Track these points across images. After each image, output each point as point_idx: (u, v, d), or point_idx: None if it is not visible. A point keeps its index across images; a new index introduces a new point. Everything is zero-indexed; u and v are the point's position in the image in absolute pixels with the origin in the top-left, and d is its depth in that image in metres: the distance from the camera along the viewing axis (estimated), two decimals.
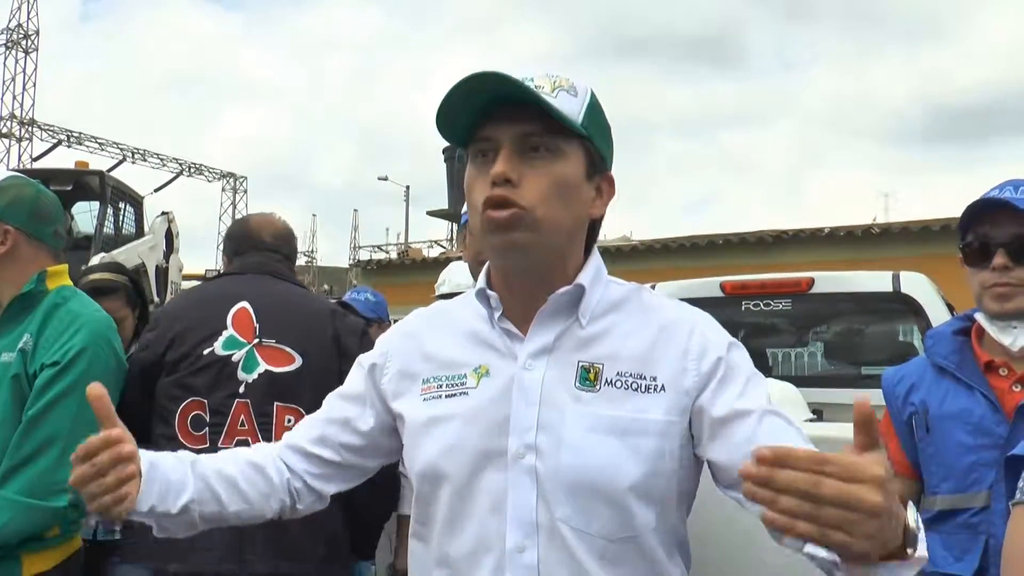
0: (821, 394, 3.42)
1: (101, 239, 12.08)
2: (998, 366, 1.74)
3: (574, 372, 1.18)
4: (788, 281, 3.86)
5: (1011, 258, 1.70)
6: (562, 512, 1.13)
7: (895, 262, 4.29)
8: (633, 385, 1.16)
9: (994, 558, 1.64)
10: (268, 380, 2.12)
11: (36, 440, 1.88)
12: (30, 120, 29.13)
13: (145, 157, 29.91)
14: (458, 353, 1.25)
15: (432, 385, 1.25)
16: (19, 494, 1.85)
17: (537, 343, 1.20)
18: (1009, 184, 1.75)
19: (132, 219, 13.73)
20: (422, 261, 15.74)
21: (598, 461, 1.13)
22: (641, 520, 1.14)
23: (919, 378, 1.85)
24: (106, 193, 12.37)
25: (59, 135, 28.08)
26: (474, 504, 1.17)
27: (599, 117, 1.22)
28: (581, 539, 1.13)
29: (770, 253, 10.86)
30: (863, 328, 4.14)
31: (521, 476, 1.14)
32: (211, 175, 34.56)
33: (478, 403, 1.19)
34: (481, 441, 1.17)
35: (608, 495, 1.13)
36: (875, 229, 10.95)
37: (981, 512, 1.69)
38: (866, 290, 3.73)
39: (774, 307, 3.83)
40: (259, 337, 2.15)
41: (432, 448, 1.21)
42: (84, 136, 28.63)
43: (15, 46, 29.59)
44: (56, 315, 2.01)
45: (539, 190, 1.15)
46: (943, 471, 1.76)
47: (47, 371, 1.92)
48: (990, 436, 1.69)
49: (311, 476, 1.33)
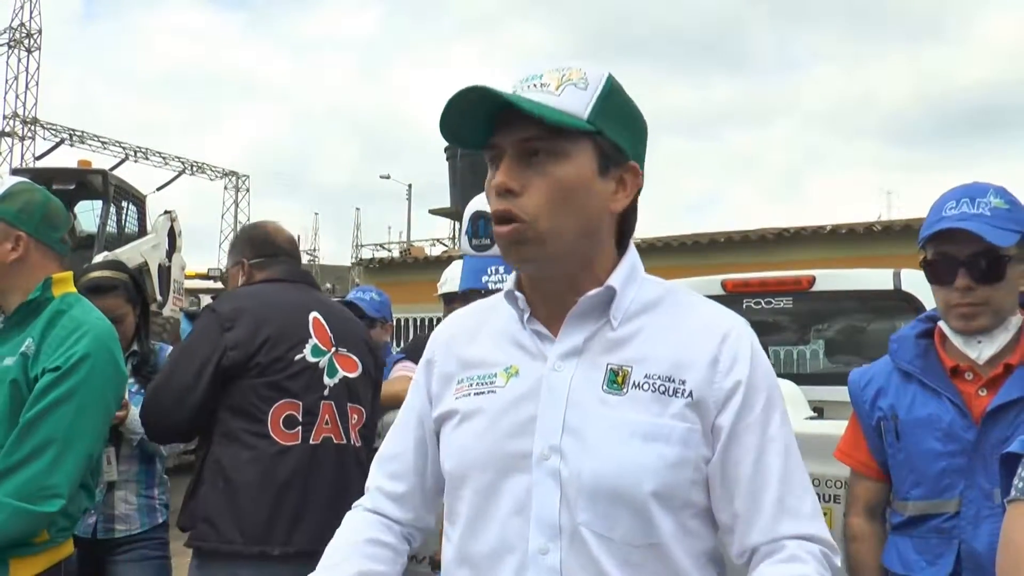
0: (822, 392, 3.43)
1: (104, 238, 12.08)
2: (964, 370, 1.74)
3: (603, 374, 1.15)
4: (789, 279, 3.87)
5: (972, 278, 1.68)
6: (584, 516, 1.12)
7: (897, 260, 4.29)
8: (661, 388, 1.14)
9: (967, 563, 1.66)
10: (344, 384, 2.39)
11: (31, 443, 1.87)
12: (33, 119, 29.17)
13: (147, 156, 29.95)
14: (491, 353, 1.24)
15: (464, 385, 1.24)
16: (11, 497, 1.83)
17: (567, 344, 1.18)
18: (965, 196, 1.71)
19: (135, 218, 13.73)
20: (424, 259, 15.72)
21: (620, 466, 1.11)
22: (664, 528, 1.12)
23: (886, 382, 1.83)
24: (109, 192, 12.36)
25: (61, 134, 28.09)
26: (498, 504, 1.16)
27: (615, 105, 1.17)
28: (603, 544, 1.11)
29: (772, 251, 10.85)
30: (864, 326, 4.14)
31: (545, 478, 1.13)
32: (213, 174, 34.59)
33: (505, 402, 1.18)
34: (506, 441, 1.16)
35: (630, 501, 1.11)
36: (877, 227, 10.93)
37: (953, 517, 1.69)
38: (867, 288, 3.74)
39: (775, 305, 3.84)
40: (335, 346, 2.40)
41: (459, 445, 1.22)
42: (87, 135, 28.67)
43: (18, 45, 29.62)
44: (59, 321, 2.01)
45: (540, 198, 1.12)
46: (914, 477, 1.76)
47: (48, 375, 1.92)
48: (959, 442, 1.69)
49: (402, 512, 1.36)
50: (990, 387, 1.69)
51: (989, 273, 1.68)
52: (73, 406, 1.92)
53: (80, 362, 1.95)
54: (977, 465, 1.66)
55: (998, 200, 1.69)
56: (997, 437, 1.64)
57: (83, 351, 1.97)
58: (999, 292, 1.69)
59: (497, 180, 1.14)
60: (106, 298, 2.73)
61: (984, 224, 1.66)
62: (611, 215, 1.19)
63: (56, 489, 1.88)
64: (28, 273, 2.07)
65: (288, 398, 2.29)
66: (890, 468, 1.83)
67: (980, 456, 1.66)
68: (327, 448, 2.33)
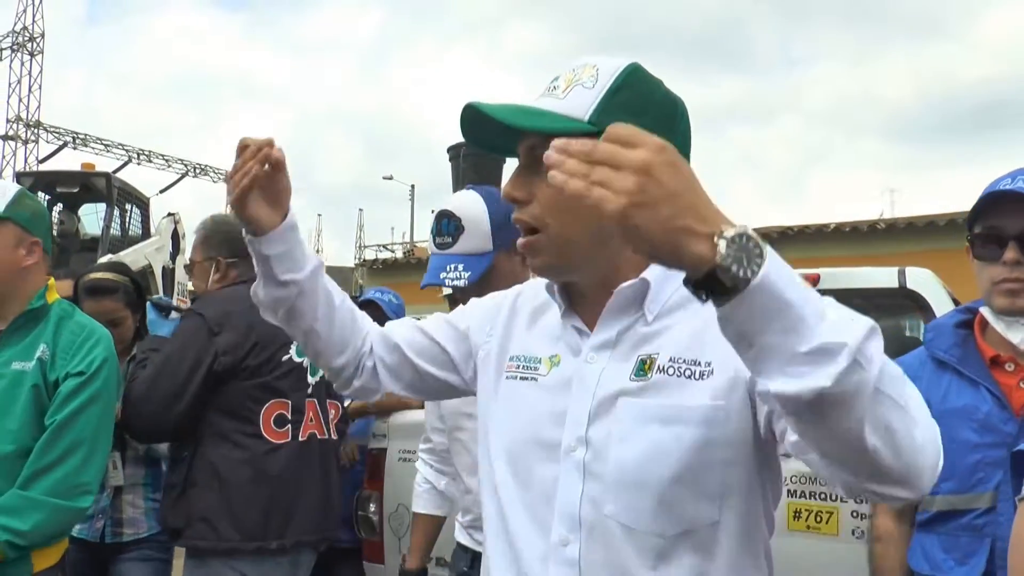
0: None
1: (108, 240, 12.11)
2: (1004, 361, 1.66)
3: (632, 366, 1.13)
4: None
5: (1023, 252, 1.60)
6: (610, 508, 1.10)
7: (901, 258, 4.28)
8: (686, 372, 1.09)
9: (1000, 562, 1.55)
10: (323, 381, 2.46)
11: (63, 444, 1.98)
12: (36, 122, 29.22)
13: (151, 158, 29.99)
14: (539, 338, 1.25)
15: (514, 364, 1.25)
16: (48, 495, 1.95)
17: (600, 338, 1.17)
18: (1021, 173, 1.63)
19: (138, 220, 13.77)
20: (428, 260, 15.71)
21: (641, 453, 1.08)
22: (696, 515, 1.07)
23: (918, 371, 1.73)
24: (112, 194, 12.40)
25: (65, 137, 28.16)
26: (531, 492, 1.17)
27: (625, 100, 1.13)
28: (631, 537, 1.08)
29: (777, 249, 10.79)
30: None
31: (571, 470, 1.13)
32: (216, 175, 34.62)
33: (543, 392, 1.19)
34: (540, 431, 1.17)
35: (654, 488, 1.07)
36: (880, 225, 10.91)
37: (986, 513, 1.60)
38: (872, 286, 3.72)
39: None
40: None
41: (501, 427, 1.23)
42: (90, 138, 28.71)
43: (21, 48, 29.68)
44: (67, 326, 2.10)
45: (547, 205, 1.12)
46: (945, 470, 1.65)
47: (72, 380, 2.03)
48: (997, 434, 1.60)
49: (382, 363, 1.38)
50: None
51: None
52: (98, 408, 2.05)
53: (101, 367, 2.07)
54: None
55: None
56: None
57: (102, 356, 2.09)
58: None
59: (503, 190, 1.15)
60: (104, 300, 2.74)
61: None
62: None
63: (87, 486, 2.02)
64: (32, 278, 2.11)
65: (278, 398, 2.37)
66: None
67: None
68: (313, 443, 2.44)
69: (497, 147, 1.20)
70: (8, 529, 1.89)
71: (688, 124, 1.21)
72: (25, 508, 1.92)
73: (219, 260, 2.58)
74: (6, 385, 2.00)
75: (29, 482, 1.95)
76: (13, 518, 1.90)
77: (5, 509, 1.91)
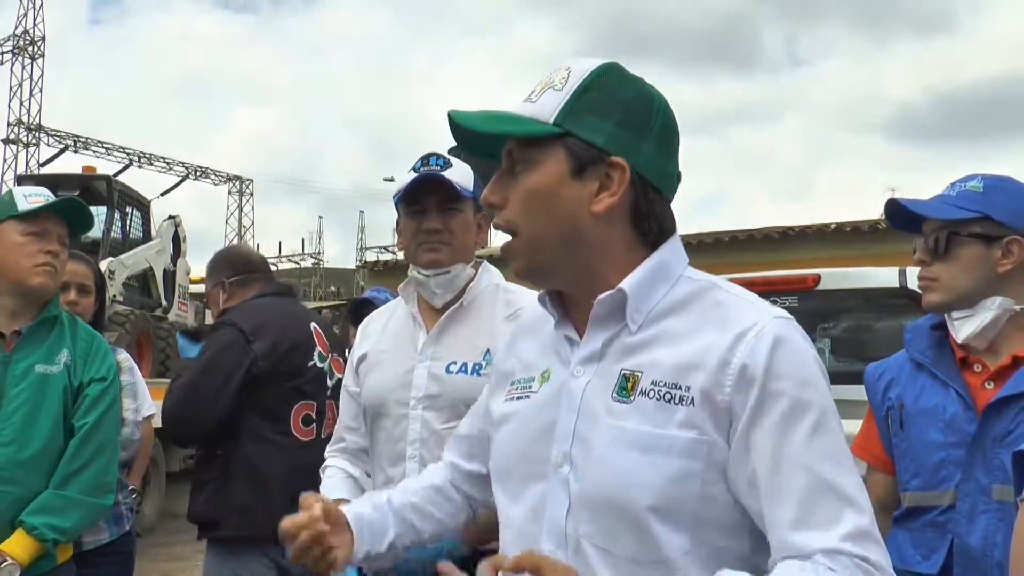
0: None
1: (109, 243, 12.11)
2: (973, 362, 1.71)
3: (615, 381, 1.10)
4: (795, 278, 3.86)
5: (925, 253, 1.74)
6: (585, 528, 1.09)
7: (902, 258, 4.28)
8: (667, 396, 1.06)
9: (959, 558, 1.63)
10: (337, 383, 2.69)
11: (93, 447, 2.15)
12: (37, 126, 29.24)
13: (151, 161, 30.00)
14: (535, 355, 1.25)
15: (514, 388, 1.26)
16: (82, 494, 2.13)
17: (586, 350, 1.15)
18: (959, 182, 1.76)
19: (139, 223, 13.74)
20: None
21: (617, 477, 1.06)
22: (673, 545, 1.04)
23: (898, 373, 1.83)
24: (113, 197, 12.38)
25: (65, 140, 28.17)
26: (521, 507, 1.17)
27: (593, 100, 1.12)
28: (605, 559, 1.07)
29: (777, 250, 10.84)
30: (870, 324, 4.13)
31: (557, 486, 1.12)
32: (217, 178, 34.64)
33: (533, 408, 1.19)
34: (530, 446, 1.17)
35: (628, 514, 1.05)
36: (881, 225, 10.91)
37: (947, 511, 1.66)
38: (873, 286, 3.73)
39: (781, 304, 3.80)
40: (331, 351, 2.79)
41: (495, 448, 1.25)
42: (90, 141, 28.73)
43: (21, 52, 29.70)
44: (79, 333, 2.25)
45: (516, 210, 1.14)
46: (914, 467, 1.74)
47: (96, 385, 2.20)
48: (960, 433, 1.66)
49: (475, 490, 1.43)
50: (997, 379, 1.67)
51: (936, 249, 1.72)
52: (115, 412, 2.26)
53: (116, 373, 2.27)
54: (976, 458, 1.63)
55: (975, 184, 1.72)
56: (998, 430, 1.60)
57: (113, 362, 2.28)
58: (950, 270, 1.70)
59: (482, 196, 1.18)
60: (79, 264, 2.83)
61: (939, 203, 1.72)
62: (594, 218, 1.11)
63: (111, 485, 2.24)
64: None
65: (305, 399, 2.66)
66: (894, 459, 1.81)
67: (979, 449, 1.63)
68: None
69: (489, 154, 1.20)
70: (54, 528, 2.06)
71: (667, 120, 1.17)
72: (66, 508, 2.09)
73: (223, 282, 2.82)
74: (32, 387, 2.12)
75: (65, 482, 2.11)
76: (57, 517, 2.07)
77: (49, 509, 2.07)
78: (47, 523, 2.04)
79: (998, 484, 1.58)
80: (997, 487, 1.59)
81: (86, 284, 2.84)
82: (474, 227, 1.98)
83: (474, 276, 1.96)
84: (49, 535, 2.04)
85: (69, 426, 2.16)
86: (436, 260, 1.89)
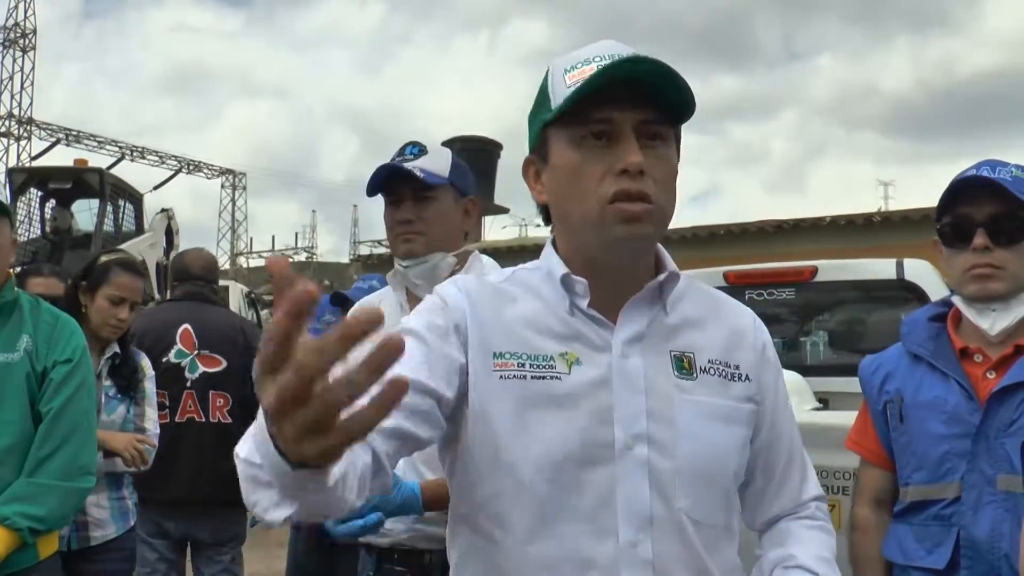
0: (826, 383, 3.42)
1: (101, 236, 12.07)
2: (973, 352, 1.69)
3: (668, 361, 1.16)
4: (792, 270, 3.86)
5: (991, 238, 1.63)
6: (683, 503, 1.10)
7: (897, 250, 4.28)
8: (725, 374, 1.19)
9: (966, 550, 1.61)
10: (205, 377, 3.29)
11: (62, 431, 2.07)
12: (28, 119, 29.14)
13: (144, 155, 29.93)
14: (536, 334, 1.14)
15: (509, 362, 1.12)
16: (55, 479, 2.04)
17: (629, 331, 1.14)
18: (986, 164, 1.68)
19: (132, 216, 13.71)
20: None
21: (712, 449, 1.14)
22: (734, 507, 1.20)
23: (895, 366, 1.79)
24: (105, 191, 12.35)
25: (57, 133, 28.09)
26: (580, 499, 1.09)
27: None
28: (700, 530, 1.12)
29: (772, 243, 10.85)
30: (867, 316, 4.13)
31: (632, 468, 1.09)
32: (210, 172, 34.58)
33: (574, 391, 1.11)
34: (584, 432, 1.10)
35: (720, 483, 1.16)
36: (876, 218, 10.94)
37: (952, 504, 1.63)
38: (870, 278, 3.73)
39: (778, 296, 3.82)
40: (198, 349, 3.29)
41: (527, 438, 1.10)
42: (82, 134, 28.66)
43: (13, 45, 29.57)
44: (41, 317, 2.16)
45: (661, 182, 1.12)
46: (916, 461, 1.71)
47: (61, 367, 2.11)
48: (964, 425, 1.63)
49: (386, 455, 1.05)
50: (999, 369, 1.65)
51: (1010, 233, 1.63)
52: (86, 393, 2.16)
53: (84, 353, 2.17)
54: (980, 449, 1.61)
55: (1019, 172, 1.66)
56: (1002, 420, 1.59)
57: (81, 343, 2.18)
58: (1017, 255, 1.63)
59: (634, 159, 1.08)
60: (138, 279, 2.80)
61: (1007, 182, 1.62)
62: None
63: (89, 467, 2.14)
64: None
65: (160, 389, 3.03)
66: (894, 453, 1.78)
67: (984, 439, 1.61)
68: (190, 425, 3.25)
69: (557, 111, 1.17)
70: (28, 516, 1.98)
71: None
72: (38, 494, 2.01)
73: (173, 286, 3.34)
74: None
75: (36, 469, 2.03)
76: (30, 505, 1.99)
77: (20, 497, 1.99)
78: (19, 512, 1.97)
79: (1003, 474, 1.57)
80: (1002, 477, 1.57)
81: (138, 301, 2.78)
82: (456, 213, 1.93)
83: (460, 265, 1.90)
84: (22, 523, 1.96)
85: (37, 413, 2.08)
86: (410, 251, 1.87)
